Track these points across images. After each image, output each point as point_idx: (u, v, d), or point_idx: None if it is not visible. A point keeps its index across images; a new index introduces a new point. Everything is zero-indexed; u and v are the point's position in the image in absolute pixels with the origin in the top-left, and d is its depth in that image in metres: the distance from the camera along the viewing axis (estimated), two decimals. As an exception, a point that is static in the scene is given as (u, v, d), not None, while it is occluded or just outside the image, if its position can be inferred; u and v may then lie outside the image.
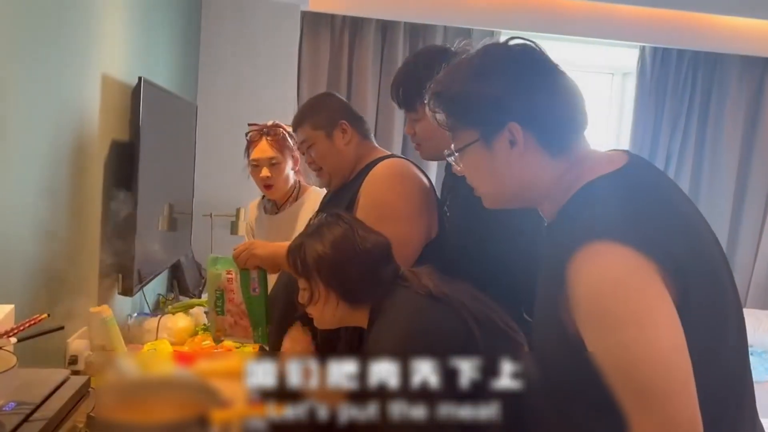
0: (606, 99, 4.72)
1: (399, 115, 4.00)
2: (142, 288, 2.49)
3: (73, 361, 1.89)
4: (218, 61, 3.81)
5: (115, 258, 2.26)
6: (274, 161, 2.46)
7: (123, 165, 2.24)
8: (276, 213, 2.50)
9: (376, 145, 1.94)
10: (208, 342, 2.46)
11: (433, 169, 3.84)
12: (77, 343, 1.93)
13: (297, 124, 1.89)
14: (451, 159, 1.15)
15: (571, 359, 0.99)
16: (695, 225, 1.06)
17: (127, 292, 2.24)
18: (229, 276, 1.82)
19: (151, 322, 2.50)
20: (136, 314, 2.62)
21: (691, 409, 0.90)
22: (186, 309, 2.70)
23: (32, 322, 1.07)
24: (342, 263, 1.42)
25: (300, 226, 2.01)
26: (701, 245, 1.03)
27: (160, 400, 1.23)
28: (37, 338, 1.69)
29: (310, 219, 1.91)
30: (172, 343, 2.38)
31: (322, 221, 1.51)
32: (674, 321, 0.93)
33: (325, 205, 1.94)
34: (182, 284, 3.31)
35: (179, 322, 2.52)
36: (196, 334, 2.53)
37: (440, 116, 1.12)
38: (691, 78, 4.45)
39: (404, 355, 1.26)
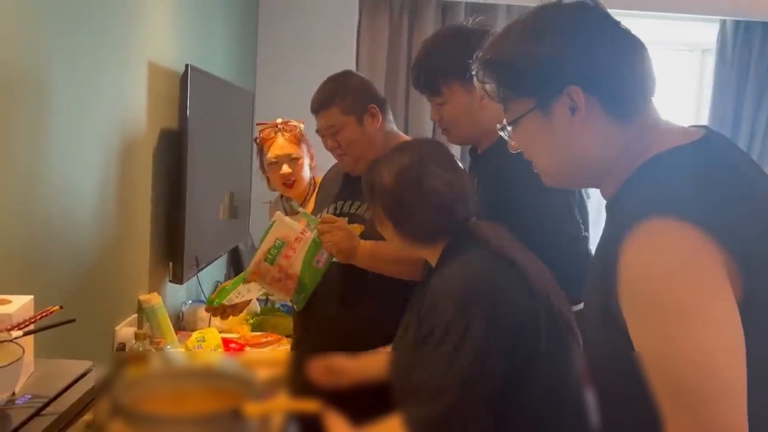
0: (684, 77, 4.45)
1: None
2: (196, 275, 2.51)
3: (121, 348, 1.90)
4: (276, 48, 3.79)
5: (166, 246, 2.27)
6: (294, 157, 2.41)
7: (172, 153, 2.25)
8: (297, 213, 2.46)
9: (395, 127, 1.88)
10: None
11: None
12: (125, 331, 1.94)
13: (321, 107, 1.79)
14: (504, 134, 1.05)
15: (617, 352, 0.89)
16: None
17: (177, 279, 2.25)
18: (301, 235, 1.72)
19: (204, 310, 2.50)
20: (190, 302, 2.64)
21: (733, 418, 0.79)
22: (240, 297, 2.70)
23: (44, 314, 1.05)
24: (404, 199, 1.36)
25: None
26: None
27: (192, 391, 1.21)
28: (85, 326, 1.72)
29: (326, 206, 1.86)
30: (222, 331, 2.38)
31: (396, 149, 1.46)
32: (731, 320, 0.81)
33: (347, 187, 1.85)
34: (241, 271, 3.33)
35: (231, 310, 2.52)
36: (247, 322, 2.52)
37: (490, 87, 1.02)
38: (777, 53, 4.13)
39: (462, 313, 1.21)
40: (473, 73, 1.06)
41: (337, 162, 1.88)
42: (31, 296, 1.11)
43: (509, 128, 1.03)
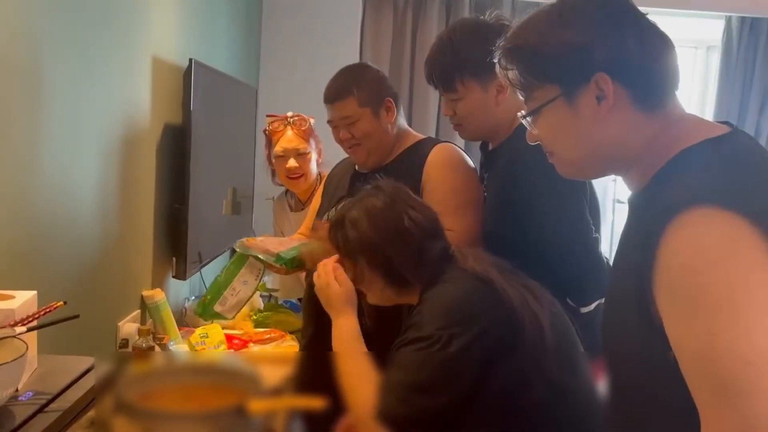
0: (689, 74, 4.42)
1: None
2: (199, 271, 2.50)
3: (124, 344, 1.89)
4: (279, 44, 3.77)
5: (169, 242, 2.26)
6: (301, 151, 2.40)
7: (176, 148, 2.24)
8: (301, 209, 2.45)
9: (405, 123, 1.86)
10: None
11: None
12: (128, 327, 1.93)
13: (337, 97, 1.76)
14: (525, 122, 1.03)
15: (652, 350, 0.86)
16: None
17: (180, 275, 2.24)
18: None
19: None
20: (193, 297, 2.63)
21: None
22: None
23: (48, 309, 1.04)
24: (384, 244, 1.34)
25: None
26: None
27: (197, 387, 1.20)
28: (88, 322, 1.72)
29: (334, 203, 1.84)
30: (226, 328, 2.36)
31: (363, 195, 1.43)
32: None
33: (356, 185, 1.82)
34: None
35: (235, 306, 2.50)
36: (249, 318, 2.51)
37: (513, 74, 0.99)
38: (784, 50, 4.11)
39: (443, 327, 1.22)
40: (495, 59, 1.03)
41: (348, 154, 1.86)
42: (34, 292, 1.10)
43: (530, 117, 1.01)
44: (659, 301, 0.84)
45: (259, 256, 1.77)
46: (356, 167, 1.88)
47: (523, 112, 1.02)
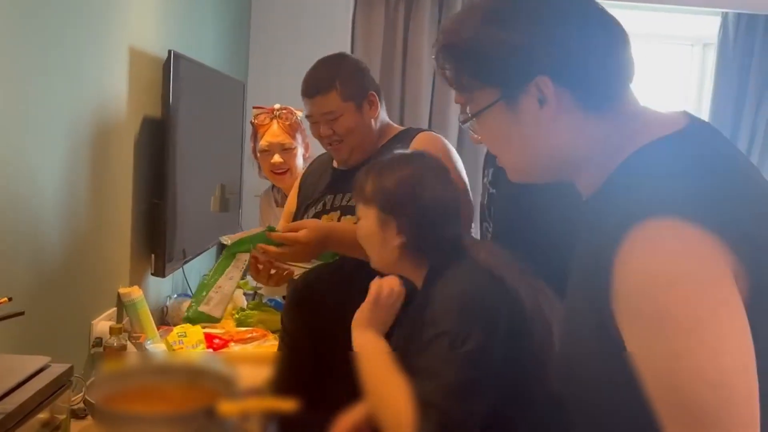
0: (685, 72, 4.38)
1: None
2: (181, 268, 2.44)
3: (98, 343, 1.83)
4: (269, 39, 3.72)
5: (148, 238, 2.21)
6: (287, 146, 2.34)
7: (155, 142, 2.18)
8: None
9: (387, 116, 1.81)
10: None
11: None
12: (102, 325, 1.88)
13: (318, 91, 1.68)
14: (466, 126, 0.97)
15: (608, 362, 0.81)
16: None
17: (159, 272, 2.18)
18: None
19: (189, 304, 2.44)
20: (175, 296, 2.58)
21: None
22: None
23: (-10, 306, 0.99)
24: (416, 201, 1.32)
25: None
26: None
27: (167, 388, 1.15)
28: (59, 320, 1.66)
29: (313, 203, 1.78)
30: (206, 326, 2.31)
31: (396, 156, 1.41)
32: (744, 331, 0.74)
33: (337, 181, 1.77)
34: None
35: (217, 304, 2.45)
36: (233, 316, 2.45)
37: (450, 73, 0.94)
38: (781, 48, 4.05)
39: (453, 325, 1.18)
40: (433, 57, 0.97)
41: (328, 151, 1.80)
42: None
43: (472, 120, 0.94)
44: (620, 322, 0.78)
45: (247, 236, 1.71)
46: (334, 164, 1.81)
47: (461, 116, 0.96)
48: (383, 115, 1.76)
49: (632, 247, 0.76)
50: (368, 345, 1.31)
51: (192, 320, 2.06)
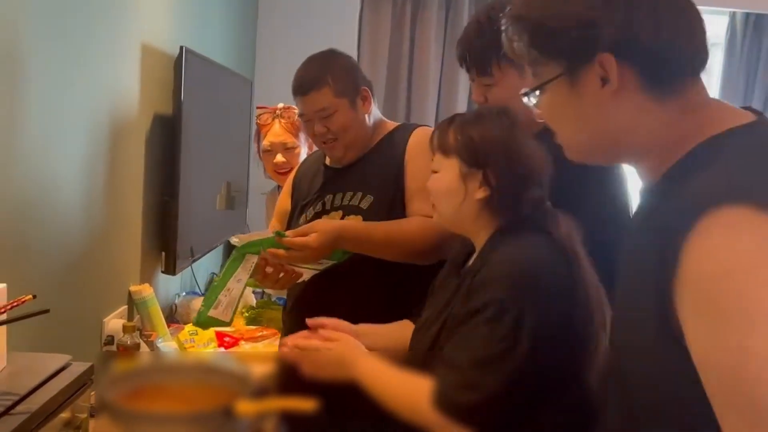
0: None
1: (463, 90, 3.80)
2: (190, 266, 2.43)
3: (109, 341, 1.82)
4: (276, 37, 3.70)
5: (158, 236, 2.20)
6: (289, 146, 2.33)
7: (166, 139, 2.17)
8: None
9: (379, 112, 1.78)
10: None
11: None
12: (114, 323, 1.87)
13: (311, 87, 1.64)
14: (528, 100, 0.94)
15: (663, 350, 0.78)
16: None
17: (169, 270, 2.17)
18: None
19: (199, 302, 2.42)
20: (184, 293, 2.56)
21: None
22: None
23: (15, 303, 0.97)
24: (497, 155, 1.24)
25: None
26: None
27: (184, 387, 1.14)
28: (71, 318, 1.65)
29: (312, 202, 1.75)
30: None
31: (482, 109, 1.35)
32: None
33: (333, 180, 1.74)
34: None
35: (226, 302, 2.43)
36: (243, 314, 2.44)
37: (518, 45, 0.91)
38: (789, 48, 4.04)
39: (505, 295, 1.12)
40: (503, 28, 0.94)
41: (323, 150, 1.76)
42: (4, 284, 1.02)
43: (533, 94, 0.92)
44: (682, 312, 0.75)
45: (257, 239, 1.68)
46: (326, 162, 1.79)
47: (525, 89, 0.94)
48: (376, 111, 1.74)
49: (706, 234, 0.73)
50: (367, 373, 1.27)
51: (203, 325, 2.04)
